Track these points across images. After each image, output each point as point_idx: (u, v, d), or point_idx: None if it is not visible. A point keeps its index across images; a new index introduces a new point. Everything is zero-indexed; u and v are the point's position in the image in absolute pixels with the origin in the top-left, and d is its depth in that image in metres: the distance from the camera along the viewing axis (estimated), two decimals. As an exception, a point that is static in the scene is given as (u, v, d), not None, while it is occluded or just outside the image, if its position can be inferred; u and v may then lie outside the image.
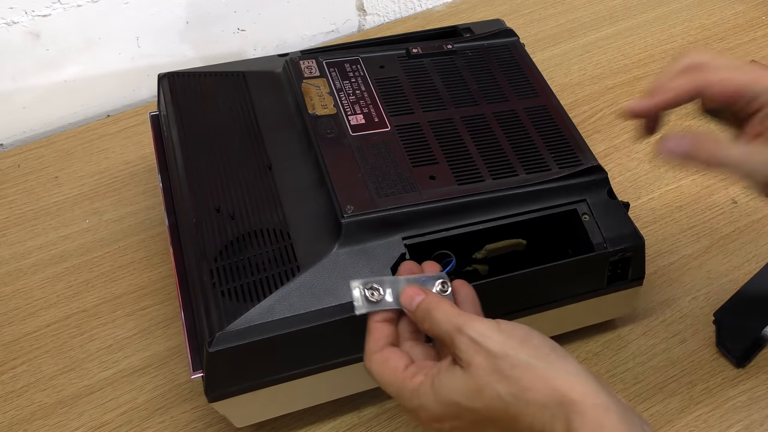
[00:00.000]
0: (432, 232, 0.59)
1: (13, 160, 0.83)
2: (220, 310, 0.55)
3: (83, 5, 0.83)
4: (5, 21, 0.80)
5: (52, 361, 0.67)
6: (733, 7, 0.99)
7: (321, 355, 0.57)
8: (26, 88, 0.85)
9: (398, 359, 0.49)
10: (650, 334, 0.68)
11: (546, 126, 0.66)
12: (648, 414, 0.63)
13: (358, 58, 0.71)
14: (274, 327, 0.54)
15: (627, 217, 0.62)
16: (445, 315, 0.48)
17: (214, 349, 0.53)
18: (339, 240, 0.57)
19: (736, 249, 0.74)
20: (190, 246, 0.60)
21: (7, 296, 0.72)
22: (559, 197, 0.62)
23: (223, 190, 0.62)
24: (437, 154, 0.63)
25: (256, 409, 0.60)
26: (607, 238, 0.60)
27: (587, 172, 0.62)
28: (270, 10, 0.94)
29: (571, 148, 0.64)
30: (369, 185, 0.60)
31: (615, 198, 0.62)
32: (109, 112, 0.91)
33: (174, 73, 0.72)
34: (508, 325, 0.47)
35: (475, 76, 0.71)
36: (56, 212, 0.78)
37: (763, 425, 0.63)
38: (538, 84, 0.70)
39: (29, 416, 0.64)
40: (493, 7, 1.00)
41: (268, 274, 0.56)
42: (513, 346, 0.46)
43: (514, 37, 0.75)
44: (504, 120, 0.67)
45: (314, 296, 0.56)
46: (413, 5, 1.03)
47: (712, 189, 0.79)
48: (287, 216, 0.60)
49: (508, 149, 0.64)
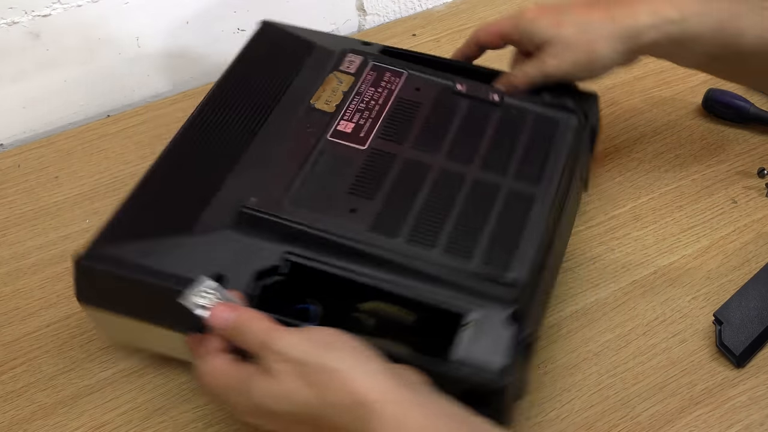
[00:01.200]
0: (320, 262, 0.56)
1: (13, 160, 0.83)
2: (117, 229, 0.58)
3: (83, 5, 0.83)
4: (5, 21, 0.80)
5: (52, 361, 0.67)
6: (733, 7, 0.99)
7: (160, 315, 0.58)
8: (26, 88, 0.85)
9: (222, 360, 0.51)
10: (650, 334, 0.68)
11: (511, 217, 0.60)
12: (648, 414, 0.63)
13: (403, 72, 0.69)
14: (135, 269, 0.56)
15: (512, 349, 0.53)
16: (254, 330, 0.50)
17: (83, 261, 0.57)
18: (234, 223, 0.58)
19: (736, 249, 0.74)
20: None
21: (7, 296, 0.72)
22: (453, 292, 0.55)
23: (200, 144, 0.65)
24: (381, 192, 0.60)
25: (116, 333, 0.64)
26: (467, 361, 0.52)
27: (500, 283, 0.55)
28: (270, 10, 0.94)
29: (511, 252, 0.57)
30: (292, 188, 0.60)
31: (520, 323, 0.54)
32: (109, 112, 0.91)
33: (269, 23, 0.76)
34: (316, 332, 0.49)
35: (497, 137, 0.65)
36: (56, 212, 0.78)
37: (763, 425, 0.63)
38: (548, 172, 0.63)
39: (29, 416, 0.64)
40: (493, 7, 1.00)
41: (172, 219, 0.59)
42: (319, 353, 0.48)
43: (572, 114, 0.68)
44: (478, 191, 0.61)
45: (184, 260, 0.56)
46: (413, 5, 1.03)
47: (712, 189, 0.79)
48: (226, 182, 0.61)
49: (451, 221, 0.59)
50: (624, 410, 0.64)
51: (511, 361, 0.53)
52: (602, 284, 0.72)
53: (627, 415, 0.64)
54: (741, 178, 0.80)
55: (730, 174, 0.80)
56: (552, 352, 0.67)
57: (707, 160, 0.81)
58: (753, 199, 0.78)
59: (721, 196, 0.78)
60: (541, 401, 0.64)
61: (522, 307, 0.55)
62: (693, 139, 0.83)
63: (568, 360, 0.67)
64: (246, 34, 0.94)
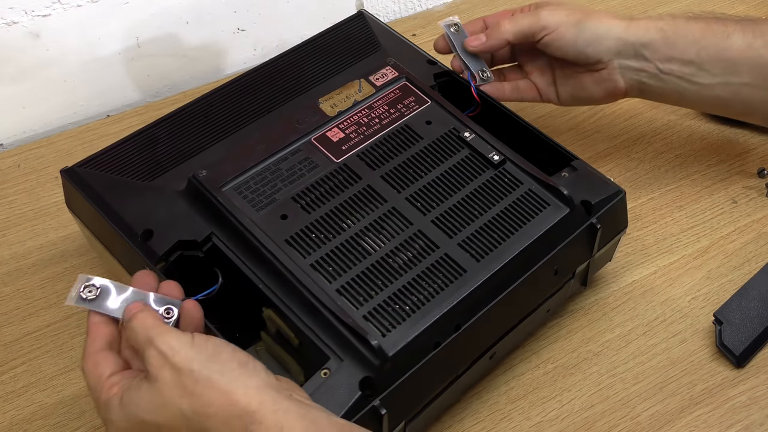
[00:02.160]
0: (233, 254, 0.58)
1: (13, 160, 0.83)
2: (100, 158, 0.65)
3: (83, 5, 0.83)
4: (5, 21, 0.80)
5: (52, 361, 0.67)
6: (733, 7, 0.99)
7: (105, 240, 0.63)
8: (26, 88, 0.85)
9: (107, 366, 0.49)
10: (650, 334, 0.68)
11: (427, 283, 0.57)
12: (648, 414, 0.64)
13: (428, 102, 0.67)
14: (94, 195, 0.61)
15: (350, 414, 0.52)
16: (142, 325, 0.48)
17: (64, 174, 0.64)
18: (181, 190, 0.61)
19: (736, 249, 0.74)
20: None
21: (7, 296, 0.72)
22: (328, 333, 0.54)
23: (210, 111, 0.67)
24: (321, 209, 0.60)
25: (91, 243, 0.67)
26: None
27: (366, 345, 0.53)
28: (270, 10, 0.94)
29: (399, 319, 0.55)
30: (244, 175, 0.61)
31: (368, 392, 0.53)
32: (109, 112, 0.91)
33: (363, 13, 0.77)
34: (201, 339, 0.48)
35: (470, 196, 0.62)
36: (56, 212, 0.78)
37: (763, 425, 0.63)
38: (498, 253, 0.58)
39: (29, 416, 0.64)
40: (493, 7, 1.00)
41: (143, 168, 0.63)
42: (200, 361, 0.46)
43: (565, 203, 0.62)
44: (416, 242, 0.59)
45: (133, 206, 0.61)
46: (413, 5, 1.03)
47: (712, 189, 0.79)
48: (203, 153, 0.64)
49: (366, 262, 0.57)
50: (624, 410, 0.64)
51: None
52: (602, 284, 0.72)
53: (627, 415, 0.64)
54: (741, 178, 0.80)
55: (730, 174, 0.80)
56: (552, 352, 0.67)
57: (707, 160, 0.81)
58: (753, 199, 0.78)
59: (721, 196, 0.78)
60: (541, 401, 0.65)
61: (378, 377, 0.53)
62: (693, 139, 0.83)
63: (568, 360, 0.67)
64: (246, 34, 0.94)
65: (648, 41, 0.69)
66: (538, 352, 0.67)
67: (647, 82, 0.71)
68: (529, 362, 0.67)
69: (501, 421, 0.64)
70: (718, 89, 0.70)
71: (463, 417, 0.64)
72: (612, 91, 0.72)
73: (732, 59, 0.68)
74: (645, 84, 0.71)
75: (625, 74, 0.70)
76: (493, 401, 0.65)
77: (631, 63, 0.70)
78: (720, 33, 0.68)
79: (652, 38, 0.69)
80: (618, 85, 0.71)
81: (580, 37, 0.69)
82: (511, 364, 0.67)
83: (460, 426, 0.63)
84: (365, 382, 0.53)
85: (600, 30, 0.69)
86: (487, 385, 0.65)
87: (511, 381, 0.66)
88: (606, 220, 0.63)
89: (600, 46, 0.69)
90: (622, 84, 0.71)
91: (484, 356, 0.60)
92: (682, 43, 0.69)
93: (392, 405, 0.53)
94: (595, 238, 0.63)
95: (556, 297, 0.65)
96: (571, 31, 0.69)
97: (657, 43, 0.69)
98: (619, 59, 0.70)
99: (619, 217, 0.66)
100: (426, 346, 0.55)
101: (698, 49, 0.68)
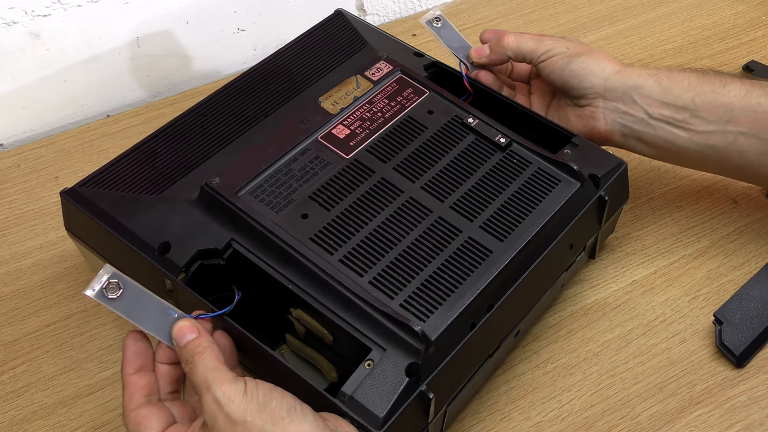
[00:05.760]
0: (257, 257, 0.57)
1: (13, 160, 0.83)
2: (102, 176, 0.63)
3: (83, 5, 0.83)
4: (5, 21, 0.80)
5: (52, 361, 0.67)
6: (733, 7, 0.99)
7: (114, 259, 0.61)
8: (26, 88, 0.85)
9: (155, 422, 0.51)
10: (650, 334, 0.68)
11: (456, 266, 0.57)
12: (648, 414, 0.64)
13: (426, 93, 0.68)
14: (101, 214, 0.60)
15: (400, 401, 0.52)
16: (204, 366, 0.50)
17: (65, 195, 0.62)
18: (195, 199, 0.60)
19: (736, 249, 0.74)
20: None
21: (7, 296, 0.72)
22: (366, 325, 0.54)
23: (209, 118, 0.67)
24: (340, 205, 0.60)
25: (93, 265, 0.66)
26: (355, 399, 0.52)
27: (408, 332, 0.54)
28: (270, 10, 0.94)
29: (436, 304, 0.56)
30: (258, 179, 0.61)
31: (416, 377, 0.53)
32: (109, 112, 0.91)
33: (341, 12, 0.77)
34: (252, 386, 0.49)
35: (483, 180, 0.63)
36: (56, 212, 0.78)
37: (763, 425, 0.63)
38: (520, 231, 0.60)
39: (29, 416, 0.64)
40: (493, 7, 1.00)
41: (149, 181, 0.62)
42: (251, 412, 0.48)
43: (576, 177, 0.63)
44: (437, 229, 0.59)
45: (144, 221, 0.59)
46: (413, 5, 1.03)
47: (712, 189, 0.79)
48: (210, 160, 0.64)
49: (393, 253, 0.58)
50: (624, 410, 0.64)
51: (394, 413, 0.52)
52: (602, 284, 0.72)
53: (627, 415, 0.64)
54: (741, 178, 0.80)
55: (730, 174, 0.80)
56: (552, 352, 0.67)
57: (707, 160, 0.81)
58: (753, 199, 0.78)
59: (721, 196, 0.78)
60: (541, 401, 0.65)
61: (423, 362, 0.53)
62: (693, 139, 0.83)
63: (568, 360, 0.67)
64: (246, 34, 0.94)
65: (640, 84, 0.67)
66: (538, 352, 0.67)
67: (632, 126, 0.68)
68: (529, 362, 0.67)
69: (501, 421, 0.64)
70: (712, 138, 0.67)
71: (463, 417, 0.64)
72: (591, 128, 0.69)
73: (729, 105, 0.66)
74: (629, 129, 0.68)
75: (608, 116, 0.69)
76: (493, 401, 0.65)
77: (618, 105, 0.68)
78: (717, 81, 0.67)
79: (645, 82, 0.68)
80: (598, 124, 0.69)
81: (568, 68, 0.69)
82: (511, 364, 0.67)
83: (460, 426, 0.63)
84: (411, 368, 0.53)
85: (591, 66, 0.68)
86: (487, 385, 0.65)
87: (511, 381, 0.66)
88: (612, 191, 0.66)
89: (585, 81, 0.68)
90: (602, 124, 0.69)
91: (511, 334, 0.62)
92: (677, 88, 0.67)
93: (438, 388, 0.54)
94: (604, 210, 0.65)
95: (570, 271, 0.67)
96: (563, 61, 0.69)
97: (649, 87, 0.67)
98: (605, 100, 0.68)
99: (623, 188, 0.68)
100: (463, 328, 0.56)
101: (694, 95, 0.67)
